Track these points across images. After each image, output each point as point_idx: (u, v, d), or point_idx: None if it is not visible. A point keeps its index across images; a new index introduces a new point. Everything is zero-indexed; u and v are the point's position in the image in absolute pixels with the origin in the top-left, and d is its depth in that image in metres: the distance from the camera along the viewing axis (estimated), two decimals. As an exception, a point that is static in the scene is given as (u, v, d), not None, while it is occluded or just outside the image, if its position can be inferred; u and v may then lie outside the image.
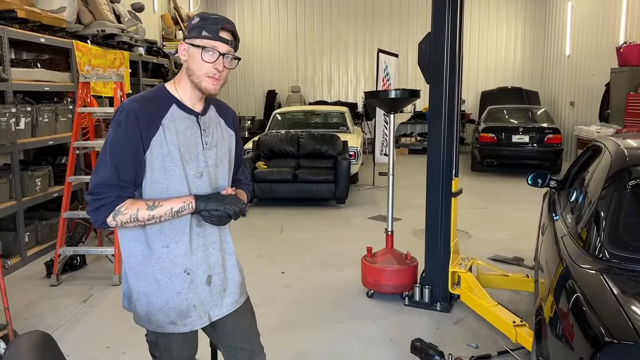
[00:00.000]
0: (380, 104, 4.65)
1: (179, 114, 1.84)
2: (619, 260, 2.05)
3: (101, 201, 1.74)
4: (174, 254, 1.86)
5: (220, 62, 1.80)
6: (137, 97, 1.85)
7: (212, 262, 1.95)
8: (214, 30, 1.78)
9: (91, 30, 6.83)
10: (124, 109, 1.78)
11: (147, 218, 1.76)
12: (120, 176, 1.75)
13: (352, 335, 3.74)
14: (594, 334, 1.65)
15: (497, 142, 10.44)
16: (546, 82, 14.47)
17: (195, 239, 1.89)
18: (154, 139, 1.78)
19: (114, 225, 1.77)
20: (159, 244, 1.85)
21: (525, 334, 3.28)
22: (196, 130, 1.87)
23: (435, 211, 4.16)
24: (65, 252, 4.86)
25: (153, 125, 1.78)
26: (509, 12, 14.71)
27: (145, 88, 8.55)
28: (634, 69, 9.04)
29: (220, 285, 1.98)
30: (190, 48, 1.81)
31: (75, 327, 3.93)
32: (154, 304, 1.89)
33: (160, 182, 1.81)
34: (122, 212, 1.75)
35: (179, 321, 1.90)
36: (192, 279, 1.89)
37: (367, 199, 8.33)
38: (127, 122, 1.76)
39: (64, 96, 6.19)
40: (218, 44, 1.79)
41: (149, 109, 1.79)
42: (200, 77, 1.81)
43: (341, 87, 15.28)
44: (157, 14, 10.98)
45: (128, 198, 1.78)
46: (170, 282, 1.87)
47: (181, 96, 1.87)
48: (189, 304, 1.89)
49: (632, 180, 2.26)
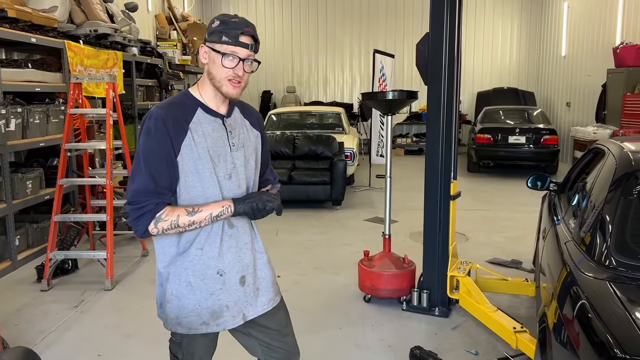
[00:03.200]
0: (377, 105, 4.57)
1: (205, 118, 1.86)
2: (626, 268, 1.99)
3: (141, 210, 1.76)
4: (207, 256, 1.88)
5: (240, 67, 1.82)
6: (163, 103, 1.88)
7: (245, 263, 1.97)
8: (234, 35, 1.79)
9: (83, 30, 6.73)
10: (152, 116, 1.81)
11: (188, 224, 1.78)
12: (157, 183, 1.77)
13: (350, 342, 3.67)
14: (604, 348, 1.59)
15: (493, 143, 10.41)
16: (542, 83, 14.46)
17: (228, 241, 1.91)
18: (183, 144, 1.80)
19: (156, 233, 1.78)
20: (194, 246, 1.87)
21: (526, 341, 3.22)
22: (223, 133, 1.89)
23: (434, 214, 4.09)
24: (57, 256, 4.76)
25: (181, 129, 1.80)
26: (504, 12, 14.68)
27: (138, 89, 8.47)
28: (630, 69, 9.01)
29: (253, 284, 2.00)
30: (210, 52, 1.83)
31: (66, 334, 3.84)
32: (185, 307, 1.89)
33: (194, 186, 1.83)
34: (162, 219, 1.77)
35: (212, 321, 1.91)
36: (224, 280, 1.91)
37: (363, 201, 8.26)
38: (156, 129, 1.78)
39: (56, 97, 6.09)
40: (238, 49, 1.80)
41: (176, 114, 1.82)
42: (222, 82, 1.83)
43: (337, 88, 15.22)
44: (151, 13, 10.88)
45: (167, 205, 1.79)
46: (203, 284, 1.88)
47: (205, 100, 1.89)
48: (222, 304, 1.91)
49: (639, 185, 2.20)
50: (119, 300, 4.48)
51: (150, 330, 3.86)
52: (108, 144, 4.88)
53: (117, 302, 4.42)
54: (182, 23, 11.61)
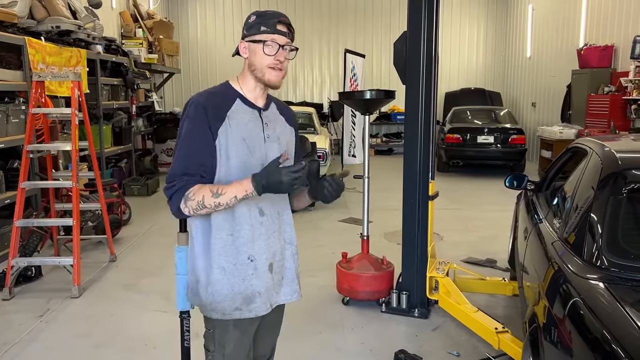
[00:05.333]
0: (355, 105, 4.52)
1: (242, 108, 1.94)
2: (619, 269, 1.97)
3: (172, 189, 1.85)
4: (239, 242, 1.92)
5: (280, 53, 1.89)
6: (203, 92, 1.97)
7: (274, 250, 2.00)
8: (271, 24, 1.88)
9: (45, 26, 6.46)
10: (192, 102, 1.90)
11: (214, 205, 1.82)
12: (188, 164, 1.85)
13: (331, 347, 3.59)
14: (608, 353, 1.55)
15: (462, 143, 10.52)
16: (508, 84, 14.72)
17: (258, 227, 1.95)
18: (220, 129, 1.87)
19: (187, 212, 1.84)
20: (224, 232, 1.91)
21: (508, 341, 3.21)
22: (258, 124, 1.95)
23: (412, 215, 4.06)
24: (19, 263, 4.53)
25: (220, 116, 1.88)
26: (471, 14, 14.88)
27: (103, 88, 8.20)
28: (594, 70, 9.25)
29: (279, 273, 2.04)
30: (250, 45, 1.91)
31: (31, 345, 3.63)
32: (220, 292, 1.92)
33: (230, 172, 1.89)
34: (190, 198, 1.82)
35: (245, 307, 1.94)
36: (255, 266, 1.94)
37: (336, 201, 8.12)
38: (195, 114, 1.86)
39: (16, 96, 5.81)
40: (277, 37, 1.88)
41: (216, 102, 1.90)
42: (264, 70, 1.90)
43: (306, 88, 15.14)
44: (116, 10, 10.56)
45: (197, 183, 1.84)
46: (235, 269, 1.92)
47: (244, 92, 1.96)
48: (254, 290, 1.94)
49: (628, 184, 2.19)
50: (86, 308, 4.28)
51: (121, 339, 3.70)
52: (74, 145, 4.66)
53: (85, 310, 4.23)
54: (148, 21, 11.31)
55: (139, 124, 9.81)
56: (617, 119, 8.45)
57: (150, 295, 4.50)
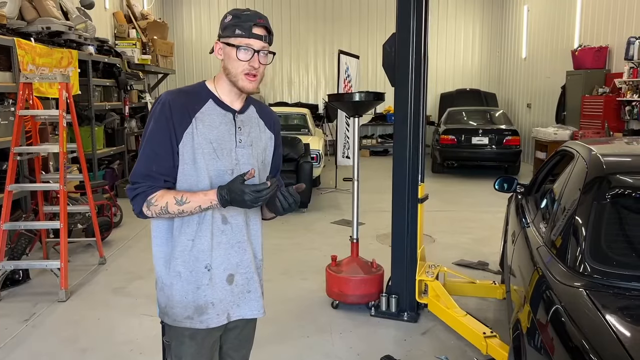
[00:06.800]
0: (344, 107, 4.48)
1: (214, 109, 1.86)
2: (602, 275, 1.94)
3: (135, 191, 1.81)
4: (197, 249, 1.87)
5: (255, 59, 1.81)
6: (173, 90, 1.90)
7: (235, 262, 1.93)
8: (247, 27, 1.78)
9: (35, 27, 6.41)
10: (160, 100, 1.83)
11: (177, 212, 1.79)
12: (152, 167, 1.80)
13: (319, 351, 3.55)
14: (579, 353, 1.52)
15: (457, 144, 10.49)
16: (503, 84, 14.70)
17: (218, 236, 1.89)
18: (186, 132, 1.81)
19: (150, 215, 1.82)
20: (186, 236, 1.86)
21: (496, 346, 3.19)
22: (231, 127, 1.88)
23: (401, 218, 4.03)
24: (6, 267, 4.48)
25: (186, 117, 1.81)
26: (466, 15, 14.86)
27: (95, 89, 8.15)
28: (588, 71, 9.23)
29: (245, 285, 1.96)
30: (225, 47, 1.83)
31: (17, 350, 3.59)
32: (174, 297, 1.89)
33: (191, 174, 1.83)
34: (153, 204, 1.79)
35: (196, 317, 1.89)
36: (211, 276, 1.89)
37: (329, 203, 8.17)
38: (160, 114, 1.80)
39: (5, 97, 5.76)
40: (252, 41, 1.79)
41: (184, 101, 1.83)
42: (237, 76, 1.83)
43: (301, 89, 15.10)
44: (109, 11, 10.50)
45: (160, 189, 1.81)
46: (190, 276, 1.88)
47: (219, 93, 1.89)
48: (207, 301, 1.88)
49: (612, 189, 2.16)
50: (74, 312, 4.24)
51: (108, 345, 3.66)
52: (61, 147, 4.62)
53: (72, 315, 4.19)
54: (142, 21, 11.26)
55: (132, 125, 9.76)
56: (611, 120, 8.43)
57: (138, 299, 4.46)
